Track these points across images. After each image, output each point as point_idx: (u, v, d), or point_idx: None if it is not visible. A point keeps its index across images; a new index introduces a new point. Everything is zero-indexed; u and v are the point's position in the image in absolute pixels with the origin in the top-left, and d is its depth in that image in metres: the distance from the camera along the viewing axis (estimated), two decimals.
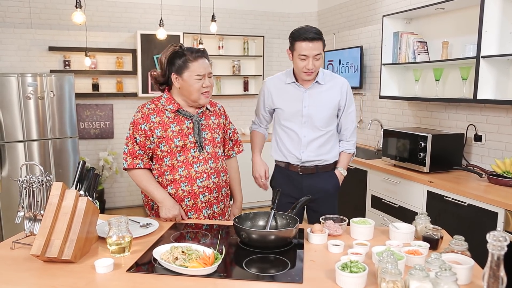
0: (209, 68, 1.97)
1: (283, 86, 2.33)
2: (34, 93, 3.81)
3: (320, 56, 2.16)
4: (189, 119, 1.99)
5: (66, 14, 4.84)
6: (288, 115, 2.31)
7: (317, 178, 2.33)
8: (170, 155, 1.97)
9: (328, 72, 2.37)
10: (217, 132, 2.08)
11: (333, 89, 2.31)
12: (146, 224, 1.87)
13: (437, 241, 1.60)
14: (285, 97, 2.32)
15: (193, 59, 1.92)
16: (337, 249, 1.59)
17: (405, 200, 3.10)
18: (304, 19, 5.91)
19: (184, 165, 1.97)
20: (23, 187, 1.60)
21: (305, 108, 2.28)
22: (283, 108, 2.32)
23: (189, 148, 1.97)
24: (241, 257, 1.54)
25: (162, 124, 1.96)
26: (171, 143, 1.95)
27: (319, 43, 2.14)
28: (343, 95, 2.33)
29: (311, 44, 2.11)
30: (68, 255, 1.48)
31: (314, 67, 2.16)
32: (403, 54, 3.62)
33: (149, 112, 1.98)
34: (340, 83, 2.33)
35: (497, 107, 3.01)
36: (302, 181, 2.33)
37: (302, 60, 2.15)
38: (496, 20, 2.78)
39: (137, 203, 5.38)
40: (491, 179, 2.74)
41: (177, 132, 1.97)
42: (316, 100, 2.28)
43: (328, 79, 2.32)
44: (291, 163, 2.34)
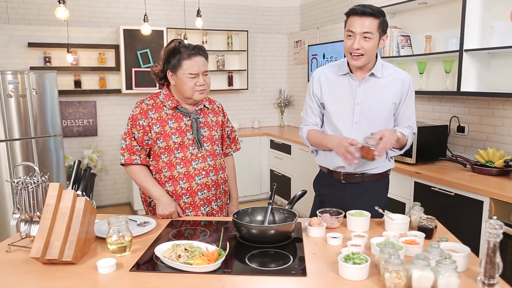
0: (204, 67, 1.94)
1: (335, 78, 2.01)
2: (15, 91, 3.71)
3: (371, 36, 1.81)
4: (187, 116, 1.99)
5: (45, 9, 4.72)
6: (336, 113, 2.00)
7: (361, 190, 2.02)
8: (168, 151, 1.96)
9: (389, 65, 2.02)
10: (215, 129, 2.08)
11: (392, 85, 1.96)
12: (143, 223, 1.86)
13: (431, 230, 1.65)
14: (335, 91, 2.00)
15: (186, 57, 1.90)
16: (336, 242, 1.62)
17: (392, 191, 3.16)
18: (287, 13, 5.93)
19: (183, 162, 1.97)
20: (19, 188, 1.57)
21: (358, 106, 1.95)
22: (331, 104, 2.01)
23: (188, 146, 1.97)
24: (242, 253, 1.55)
25: (161, 120, 1.96)
26: (169, 139, 1.95)
27: (370, 19, 1.80)
28: (404, 93, 1.97)
29: (359, 19, 1.80)
30: (69, 257, 1.46)
31: (361, 48, 1.83)
32: (387, 48, 3.68)
33: (147, 108, 1.97)
34: (402, 78, 1.98)
35: (479, 99, 3.10)
36: (345, 191, 2.04)
37: (348, 38, 1.86)
38: (477, 15, 2.86)
39: (123, 201, 5.33)
40: (475, 168, 2.83)
41: (175, 129, 1.96)
42: (370, 96, 1.95)
43: (388, 73, 1.97)
44: (332, 170, 2.07)
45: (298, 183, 4.57)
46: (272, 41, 5.88)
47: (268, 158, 5.41)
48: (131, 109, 2.04)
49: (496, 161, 2.74)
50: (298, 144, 4.56)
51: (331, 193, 2.08)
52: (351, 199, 2.03)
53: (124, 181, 5.31)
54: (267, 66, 5.90)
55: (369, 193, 2.04)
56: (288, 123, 6.05)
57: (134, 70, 4.91)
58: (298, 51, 5.63)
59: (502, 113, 2.94)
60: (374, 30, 1.83)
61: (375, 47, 1.87)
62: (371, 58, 1.93)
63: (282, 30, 5.96)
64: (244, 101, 5.86)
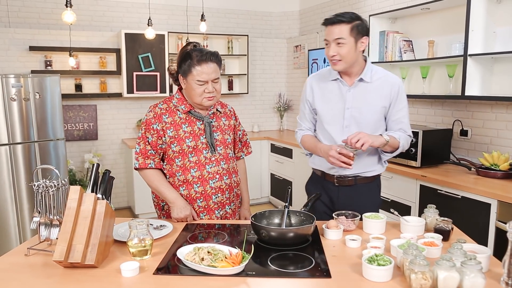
0: (214, 74, 1.90)
1: (326, 84, 2.07)
2: (18, 94, 3.69)
3: (344, 42, 1.87)
4: (201, 120, 1.99)
5: (46, 12, 4.71)
6: (327, 118, 2.05)
7: (354, 192, 2.07)
8: (182, 155, 1.97)
9: (379, 69, 2.05)
10: (228, 133, 2.08)
11: (382, 89, 2.00)
12: (159, 226, 1.86)
13: (448, 232, 1.68)
14: (326, 96, 2.06)
15: (196, 63, 1.89)
16: (355, 244, 1.63)
17: (398, 194, 3.20)
18: (286, 18, 5.97)
19: (197, 166, 1.97)
20: (39, 191, 1.56)
21: (348, 110, 2.00)
22: (323, 108, 2.07)
23: (201, 149, 1.98)
24: (262, 255, 1.56)
25: (174, 124, 1.96)
26: (182, 143, 1.95)
27: (340, 26, 1.88)
28: (394, 97, 2.00)
29: (330, 28, 1.90)
30: (92, 260, 1.46)
31: (337, 54, 1.90)
32: (390, 53, 3.73)
33: (161, 112, 1.98)
34: (391, 82, 2.01)
35: (482, 103, 3.15)
36: (338, 193, 2.09)
37: (326, 47, 1.95)
38: (481, 20, 2.91)
39: (123, 205, 5.30)
40: (480, 171, 2.87)
41: (189, 132, 1.97)
42: (360, 101, 1.99)
43: (377, 77, 2.01)
44: (327, 172, 2.11)
45: (299, 187, 4.58)
46: (271, 46, 5.91)
47: (269, 162, 5.42)
48: (146, 113, 2.03)
49: (501, 164, 2.78)
50: (299, 148, 4.57)
51: (325, 196, 2.13)
52: (344, 201, 2.09)
53: (124, 185, 5.28)
54: (267, 71, 5.93)
55: (362, 195, 2.09)
56: (288, 127, 6.07)
57: (135, 74, 4.90)
58: (297, 55, 5.67)
59: (506, 117, 2.99)
60: (345, 35, 1.88)
61: (351, 52, 1.91)
62: (351, 62, 1.95)
63: (281, 34, 6.00)
64: (244, 105, 5.88)
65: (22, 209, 3.80)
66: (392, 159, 3.31)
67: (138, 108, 5.18)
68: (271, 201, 5.60)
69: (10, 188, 3.73)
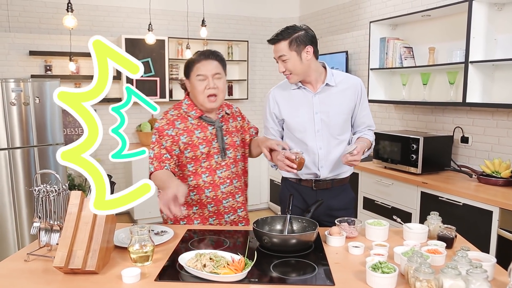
0: (215, 69, 1.89)
1: (290, 93, 2.09)
2: (18, 99, 3.68)
3: (286, 57, 1.93)
4: (212, 125, 1.98)
5: (47, 17, 4.71)
6: (298, 125, 2.07)
7: (331, 194, 2.12)
8: (194, 161, 1.94)
9: (338, 72, 2.12)
10: (236, 135, 2.07)
11: (347, 91, 2.07)
12: (160, 232, 1.84)
13: (452, 240, 1.66)
14: (293, 105, 2.08)
15: (197, 61, 1.91)
16: (358, 251, 1.62)
17: (398, 201, 3.19)
18: (286, 24, 5.95)
19: (208, 171, 1.95)
20: (39, 196, 1.55)
21: (317, 115, 2.05)
22: (292, 117, 2.08)
23: (213, 154, 1.96)
24: (264, 262, 1.54)
25: (187, 130, 1.94)
26: (196, 149, 1.93)
27: (280, 44, 1.93)
28: (358, 97, 2.09)
29: (273, 47, 1.98)
30: (92, 266, 1.44)
31: (286, 70, 1.96)
32: (390, 59, 3.73)
33: (173, 118, 1.95)
34: (354, 83, 2.09)
35: (483, 110, 3.15)
36: (316, 197, 2.10)
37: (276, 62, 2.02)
38: (482, 27, 2.92)
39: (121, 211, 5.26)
40: (481, 179, 2.86)
41: (202, 138, 1.95)
42: (328, 104, 2.05)
43: (339, 80, 2.07)
44: (303, 178, 2.13)
45: None
46: (271, 52, 5.84)
47: (268, 168, 5.41)
48: (157, 120, 1.99)
49: (502, 172, 2.78)
50: None
51: (303, 202, 2.13)
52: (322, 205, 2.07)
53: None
54: (267, 76, 5.94)
55: (338, 196, 2.15)
56: None
57: (135, 79, 4.90)
58: None
59: (507, 124, 2.99)
60: (285, 51, 1.93)
61: (296, 64, 1.95)
62: (302, 73, 1.99)
63: None
64: (243, 111, 5.75)
65: (20, 214, 3.77)
66: (392, 165, 3.33)
67: (138, 113, 5.17)
68: (270, 207, 5.58)
69: (8, 192, 3.71)
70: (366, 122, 2.15)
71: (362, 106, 2.12)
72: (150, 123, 5.13)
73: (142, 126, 5.09)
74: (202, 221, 2.00)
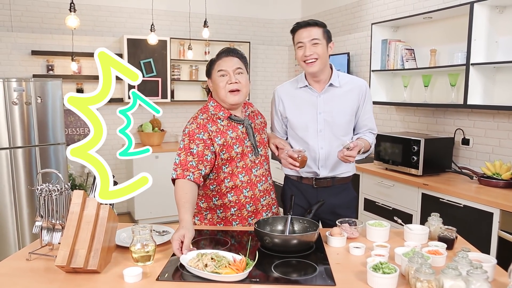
0: (236, 65, 1.89)
1: (295, 92, 2.14)
2: (20, 98, 3.69)
3: (319, 42, 1.97)
4: (241, 124, 1.96)
5: (49, 17, 4.73)
6: (301, 124, 2.11)
7: (332, 192, 2.15)
8: (230, 162, 1.91)
9: (344, 74, 2.18)
10: (264, 132, 2.08)
11: (351, 92, 2.10)
12: (162, 232, 1.85)
13: (452, 241, 1.67)
14: (297, 104, 2.12)
15: (217, 59, 1.92)
16: (359, 252, 1.62)
17: (399, 202, 3.19)
18: (288, 26, 5.96)
19: (244, 170, 1.93)
20: (42, 195, 1.56)
21: (320, 115, 2.08)
22: (295, 116, 2.12)
23: (247, 153, 1.94)
24: (265, 262, 1.54)
25: (220, 132, 1.90)
26: (231, 150, 1.90)
27: (315, 28, 1.98)
28: (362, 98, 2.12)
29: (305, 30, 1.98)
30: (94, 265, 1.45)
31: (313, 53, 1.98)
32: (392, 61, 3.74)
33: (204, 122, 1.90)
34: (359, 84, 2.12)
35: (484, 112, 3.15)
36: (317, 195, 2.15)
37: (299, 49, 2.02)
38: (483, 30, 2.92)
39: (123, 211, 5.28)
40: (482, 180, 2.86)
41: (235, 138, 1.92)
42: (332, 105, 2.08)
43: (345, 81, 2.11)
44: (304, 176, 2.18)
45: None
46: (273, 53, 5.93)
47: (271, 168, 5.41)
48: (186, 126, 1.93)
49: (503, 174, 2.78)
50: None
51: (304, 200, 2.17)
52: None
53: None
54: (268, 77, 5.95)
55: (339, 195, 2.17)
56: None
57: None
58: None
59: (508, 126, 2.99)
60: (320, 37, 1.98)
61: (325, 53, 2.01)
62: (324, 64, 2.04)
63: (283, 42, 6.02)
64: None
65: (21, 214, 3.78)
66: (393, 167, 3.33)
67: (139, 113, 5.16)
68: None
69: (10, 192, 3.72)
70: (368, 124, 2.17)
71: (366, 108, 2.14)
72: (151, 123, 5.14)
73: (143, 126, 5.10)
74: (241, 222, 1.99)
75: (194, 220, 2.05)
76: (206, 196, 1.99)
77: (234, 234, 1.87)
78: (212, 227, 1.98)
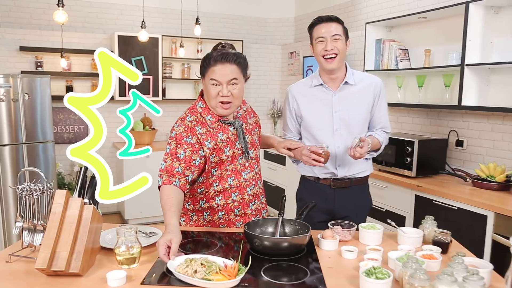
0: (230, 75, 1.73)
1: (309, 90, 2.10)
2: (6, 95, 3.60)
3: (340, 38, 1.95)
4: (232, 125, 1.86)
5: (38, 13, 4.63)
6: (316, 124, 2.07)
7: (350, 193, 2.12)
8: (219, 165, 1.83)
9: (358, 72, 2.14)
10: (255, 132, 1.97)
11: (366, 90, 2.07)
12: (149, 233, 1.79)
13: (447, 245, 1.63)
14: (312, 103, 2.09)
15: (213, 63, 1.73)
16: (351, 255, 1.58)
17: (393, 204, 3.16)
18: (282, 24, 5.95)
19: (234, 174, 1.86)
20: (23, 195, 1.49)
21: (336, 114, 2.05)
22: (310, 115, 2.08)
23: (236, 156, 1.85)
24: (255, 265, 1.48)
25: (210, 134, 1.80)
26: (221, 153, 1.81)
27: (336, 24, 1.97)
28: (377, 96, 2.09)
29: (326, 25, 1.96)
30: (76, 268, 1.39)
31: (334, 48, 1.95)
32: (386, 61, 3.71)
33: (192, 125, 1.80)
34: (373, 82, 2.09)
35: (478, 113, 3.13)
36: (335, 195, 2.11)
37: (319, 44, 1.97)
38: (478, 30, 2.90)
39: (112, 210, 5.20)
40: (476, 183, 2.84)
41: (226, 141, 1.82)
42: (347, 103, 2.05)
43: (360, 79, 2.08)
44: (321, 177, 2.14)
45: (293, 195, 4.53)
46: (266, 52, 5.88)
47: (262, 169, 5.35)
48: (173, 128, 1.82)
49: (497, 176, 2.76)
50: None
51: (321, 200, 2.09)
52: (340, 204, 2.13)
53: None
54: (261, 77, 5.89)
55: (356, 197, 2.15)
56: (281, 134, 6.01)
57: None
58: (292, 62, 5.64)
59: (502, 128, 2.97)
60: (341, 32, 1.98)
61: (344, 50, 2.01)
62: (343, 61, 2.03)
63: (276, 41, 5.97)
64: None
65: (8, 213, 3.70)
66: (386, 168, 3.30)
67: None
68: None
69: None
70: (382, 122, 2.14)
71: (380, 106, 2.11)
72: (142, 122, 5.07)
73: (134, 125, 5.03)
74: (228, 225, 1.91)
75: (180, 221, 1.98)
76: (193, 198, 1.91)
77: (222, 236, 1.81)
78: (199, 228, 1.91)
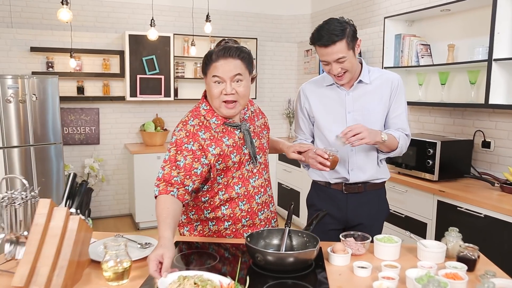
0: (234, 71, 1.57)
1: (321, 90, 1.98)
2: (14, 96, 3.55)
3: (344, 59, 1.77)
4: (238, 129, 1.70)
5: (49, 13, 4.59)
6: (328, 125, 1.95)
7: (364, 199, 1.98)
8: (225, 172, 1.68)
9: (375, 69, 1.97)
10: (263, 135, 1.81)
11: (381, 87, 1.92)
12: (144, 244, 1.66)
13: (474, 261, 1.44)
14: (324, 102, 1.97)
15: (215, 58, 1.59)
16: (365, 272, 1.41)
17: (413, 210, 2.96)
18: (297, 22, 5.78)
19: (241, 181, 1.71)
20: (4, 204, 1.38)
21: (349, 114, 1.92)
22: (322, 116, 1.97)
23: (244, 162, 1.71)
24: (256, 283, 1.34)
25: (215, 139, 1.65)
26: (228, 160, 1.66)
27: (338, 44, 1.75)
28: (394, 93, 1.92)
29: (326, 50, 1.78)
30: (58, 285, 1.26)
31: (341, 69, 1.80)
32: (406, 57, 3.50)
33: (195, 129, 1.64)
34: (390, 78, 1.93)
35: (507, 112, 2.90)
36: (347, 201, 1.98)
37: (325, 65, 1.85)
38: (508, 22, 2.67)
39: (124, 212, 5.13)
40: (505, 188, 2.61)
41: (232, 146, 1.67)
42: (361, 103, 1.92)
43: (375, 77, 1.93)
44: (332, 182, 2.00)
45: None
46: (281, 50, 5.71)
47: (276, 171, 5.21)
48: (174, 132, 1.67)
49: None
50: None
51: (332, 206, 1.99)
52: (353, 210, 1.99)
53: (126, 192, 5.12)
54: (276, 75, 5.73)
55: (371, 203, 2.00)
56: None
57: (139, 77, 4.75)
58: (308, 60, 5.46)
59: None
60: (345, 52, 1.77)
61: (353, 62, 1.83)
62: (355, 70, 1.88)
63: (292, 38, 5.80)
64: None
65: None
66: (406, 171, 3.09)
67: (142, 112, 5.02)
68: (278, 211, 5.37)
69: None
70: (398, 123, 1.94)
71: (396, 104, 1.93)
72: (154, 122, 4.98)
73: (145, 125, 4.94)
74: (236, 237, 1.77)
75: (183, 230, 1.84)
76: (197, 207, 1.76)
77: (228, 246, 1.67)
78: (203, 238, 1.77)
